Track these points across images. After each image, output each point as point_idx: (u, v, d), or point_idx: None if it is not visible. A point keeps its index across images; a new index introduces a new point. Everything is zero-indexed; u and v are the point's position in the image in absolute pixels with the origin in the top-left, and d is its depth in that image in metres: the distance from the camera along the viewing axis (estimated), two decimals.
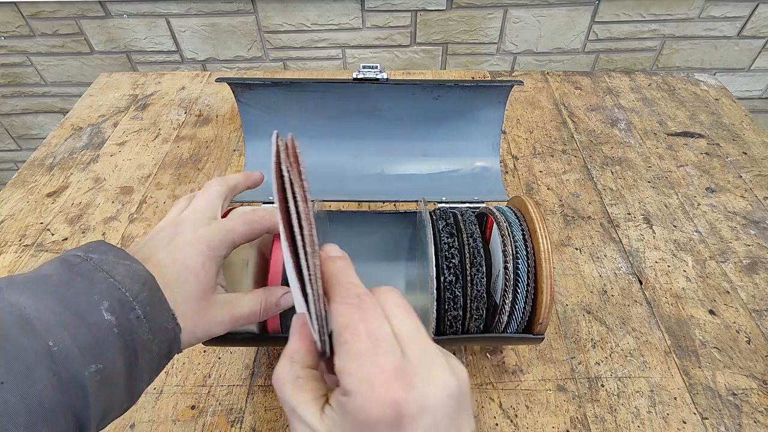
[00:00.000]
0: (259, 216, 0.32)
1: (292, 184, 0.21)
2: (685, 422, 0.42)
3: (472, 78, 0.86)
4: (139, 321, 0.24)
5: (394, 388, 0.18)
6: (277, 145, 0.23)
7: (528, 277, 0.36)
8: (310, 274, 0.20)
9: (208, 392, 0.44)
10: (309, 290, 0.20)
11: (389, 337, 0.20)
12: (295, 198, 0.21)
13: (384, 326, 0.20)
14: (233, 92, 0.55)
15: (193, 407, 0.43)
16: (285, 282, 0.34)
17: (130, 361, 0.24)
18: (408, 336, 0.21)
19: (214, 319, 0.29)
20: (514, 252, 0.37)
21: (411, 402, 0.18)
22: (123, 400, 0.25)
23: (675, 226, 0.60)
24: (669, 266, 0.55)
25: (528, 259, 0.36)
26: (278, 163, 0.22)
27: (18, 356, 0.20)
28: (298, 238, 0.20)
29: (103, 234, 0.59)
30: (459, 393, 0.20)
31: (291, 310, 0.35)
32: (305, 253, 0.20)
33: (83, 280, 0.24)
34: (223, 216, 0.33)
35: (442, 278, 0.36)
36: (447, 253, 0.37)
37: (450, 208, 0.47)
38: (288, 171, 0.22)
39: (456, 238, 0.38)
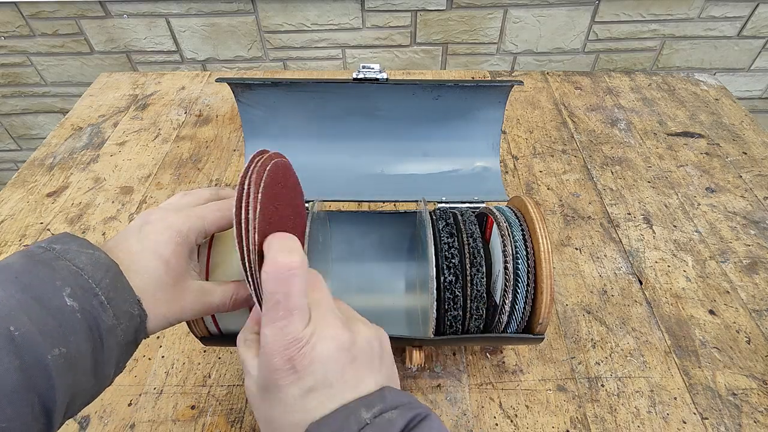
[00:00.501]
0: (231, 204, 0.31)
1: (248, 194, 0.27)
2: (685, 422, 0.42)
3: (472, 78, 0.86)
4: (103, 306, 0.25)
5: (291, 349, 0.24)
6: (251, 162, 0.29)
7: (528, 277, 0.36)
8: (246, 249, 0.26)
9: (208, 392, 0.44)
10: (246, 263, 0.26)
11: (299, 307, 0.25)
12: (247, 206, 0.26)
13: (298, 296, 0.24)
14: (233, 92, 0.54)
15: (193, 407, 0.43)
16: None
17: (95, 346, 0.25)
18: (316, 304, 0.26)
19: (186, 305, 0.30)
20: (514, 252, 0.37)
21: (303, 356, 0.24)
22: (91, 384, 0.25)
23: (675, 226, 0.60)
24: (669, 266, 0.55)
25: (528, 259, 0.36)
26: (243, 176, 0.28)
27: None
28: (243, 226, 0.26)
29: (103, 234, 0.59)
30: (351, 346, 0.25)
31: None
32: (244, 236, 0.26)
33: (45, 268, 0.24)
34: None
35: (442, 278, 0.36)
36: (447, 253, 0.37)
37: (450, 208, 0.47)
38: (248, 185, 0.27)
39: (456, 238, 0.38)
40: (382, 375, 0.26)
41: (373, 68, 0.50)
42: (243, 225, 0.26)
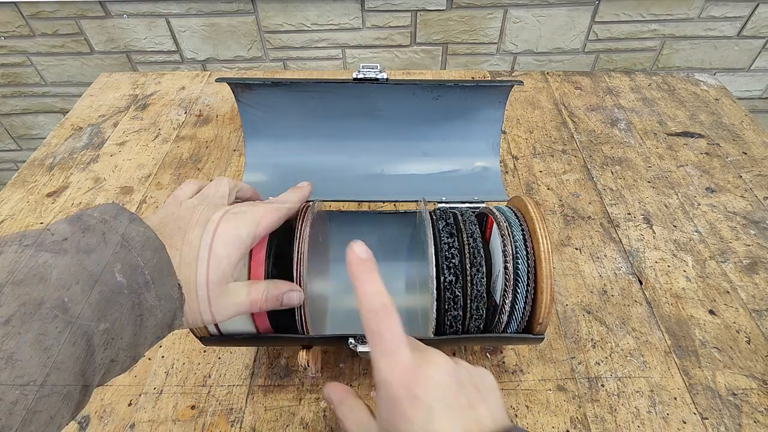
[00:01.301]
0: (287, 209, 0.35)
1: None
2: (685, 422, 0.42)
3: (472, 78, 0.86)
4: (147, 285, 0.26)
5: (407, 376, 0.25)
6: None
7: (528, 277, 0.36)
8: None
9: (208, 392, 0.44)
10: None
11: (404, 338, 0.26)
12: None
13: (400, 329, 0.26)
14: (233, 92, 0.54)
15: (193, 407, 0.43)
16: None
17: (136, 323, 0.25)
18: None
19: (221, 305, 0.30)
20: (514, 252, 0.37)
21: (418, 382, 0.24)
22: (125, 359, 0.26)
23: (675, 226, 0.60)
24: (669, 266, 0.55)
25: (528, 259, 0.36)
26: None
27: (35, 307, 0.21)
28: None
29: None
30: (455, 371, 0.26)
31: (286, 311, 0.35)
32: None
33: (99, 241, 0.25)
34: None
35: (442, 278, 0.36)
36: (447, 253, 0.37)
37: (450, 208, 0.47)
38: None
39: (456, 238, 0.38)
40: (492, 406, 0.26)
41: (373, 68, 0.50)
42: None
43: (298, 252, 0.35)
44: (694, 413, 0.43)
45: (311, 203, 0.41)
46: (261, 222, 0.32)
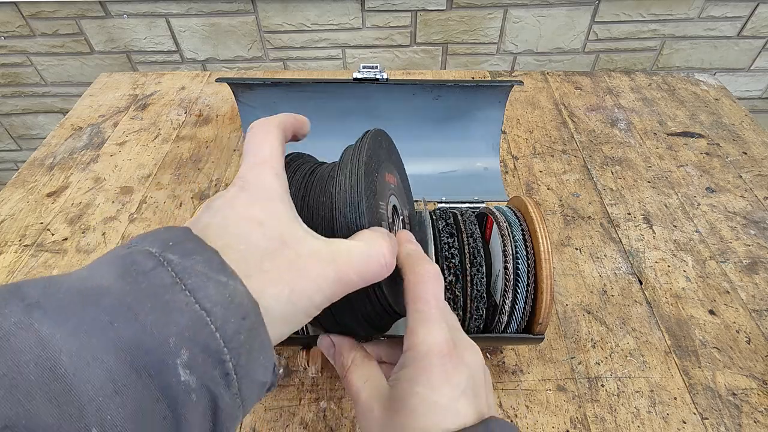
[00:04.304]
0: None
1: None
2: (685, 422, 0.42)
3: (472, 78, 0.86)
4: (227, 379, 0.17)
5: (444, 349, 0.24)
6: None
7: (528, 277, 0.36)
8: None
9: None
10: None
11: (446, 310, 0.25)
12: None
13: (443, 300, 0.25)
14: (233, 92, 0.55)
15: None
16: None
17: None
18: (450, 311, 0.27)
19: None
20: (514, 252, 0.37)
21: (453, 360, 0.24)
22: None
23: (675, 226, 0.60)
24: (669, 266, 0.55)
25: (528, 259, 0.36)
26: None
27: None
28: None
29: (103, 234, 0.59)
30: (483, 363, 0.26)
31: None
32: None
33: (155, 308, 0.15)
34: None
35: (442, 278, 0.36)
36: (447, 253, 0.37)
37: (450, 208, 0.47)
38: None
39: (456, 238, 0.38)
40: (491, 396, 0.26)
41: (373, 68, 0.50)
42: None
43: None
44: (694, 413, 0.43)
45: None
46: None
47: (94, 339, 0.14)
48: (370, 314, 0.27)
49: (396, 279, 0.26)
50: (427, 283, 0.25)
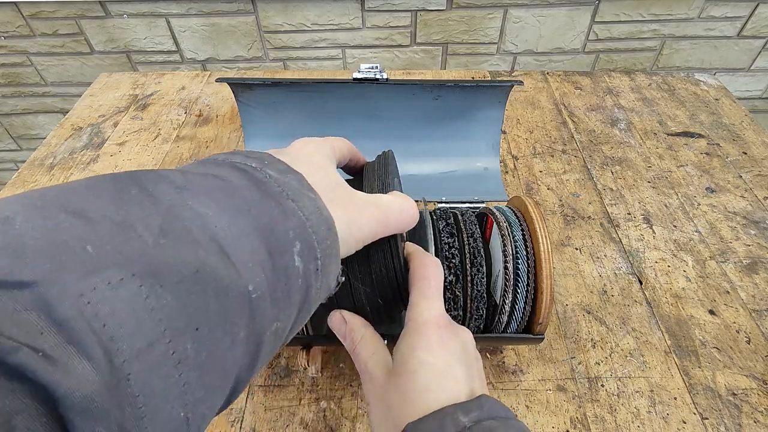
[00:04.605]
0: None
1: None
2: (685, 422, 0.42)
3: (472, 78, 0.86)
4: (317, 274, 0.20)
5: (441, 322, 0.27)
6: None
7: (528, 277, 0.36)
8: None
9: None
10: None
11: (440, 294, 0.29)
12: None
13: (442, 284, 0.29)
14: (233, 92, 0.55)
15: None
16: None
17: (297, 320, 0.21)
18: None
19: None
20: (514, 252, 0.37)
21: (449, 332, 0.27)
22: (266, 363, 0.21)
23: (675, 226, 0.60)
24: (669, 266, 0.55)
25: (528, 259, 0.36)
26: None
27: (219, 295, 0.16)
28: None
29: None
30: (476, 349, 0.29)
31: None
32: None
33: (278, 208, 0.19)
34: None
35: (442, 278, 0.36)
36: (447, 253, 0.37)
37: (450, 208, 0.47)
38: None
39: (456, 238, 0.38)
40: (483, 380, 0.28)
41: (372, 68, 0.50)
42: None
43: None
44: (694, 413, 0.43)
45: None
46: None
47: (240, 219, 0.18)
48: (383, 280, 0.29)
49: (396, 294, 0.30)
50: (428, 267, 0.29)
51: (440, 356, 0.26)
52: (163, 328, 0.14)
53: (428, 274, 0.28)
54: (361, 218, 0.24)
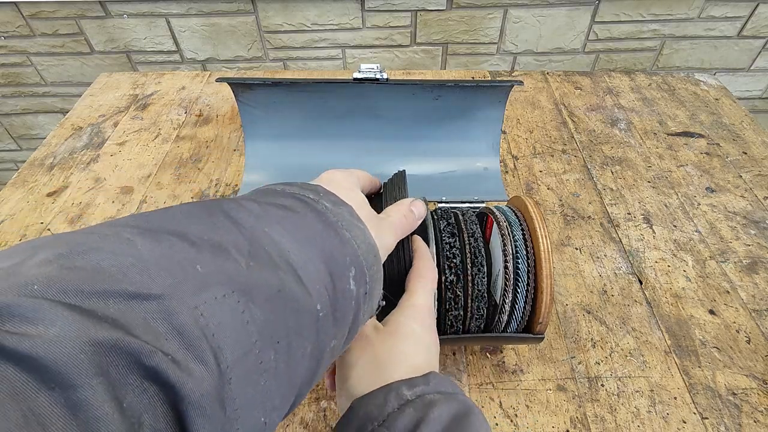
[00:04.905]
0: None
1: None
2: (685, 422, 0.42)
3: (472, 78, 0.86)
4: (365, 298, 0.23)
5: (432, 308, 0.32)
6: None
7: (528, 277, 0.36)
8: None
9: None
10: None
11: (435, 288, 0.33)
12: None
13: (436, 283, 0.33)
14: (233, 92, 0.55)
15: None
16: None
17: (346, 340, 0.23)
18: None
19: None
20: (514, 252, 0.37)
21: (433, 316, 0.31)
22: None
23: (675, 226, 0.60)
24: (669, 266, 0.55)
25: (528, 258, 0.36)
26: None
27: (296, 313, 0.19)
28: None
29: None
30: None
31: None
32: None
33: (336, 237, 0.22)
34: None
35: (443, 278, 0.36)
36: (448, 252, 0.37)
37: (451, 207, 0.47)
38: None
39: (457, 238, 0.38)
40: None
41: (373, 68, 0.50)
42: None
43: None
44: (694, 413, 0.43)
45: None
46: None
47: (307, 247, 0.20)
48: (392, 270, 0.33)
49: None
50: (428, 269, 0.33)
51: (427, 333, 0.30)
52: (255, 339, 0.17)
53: (428, 272, 0.33)
54: (384, 234, 0.27)
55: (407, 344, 0.28)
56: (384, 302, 0.29)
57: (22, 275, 0.14)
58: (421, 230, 0.39)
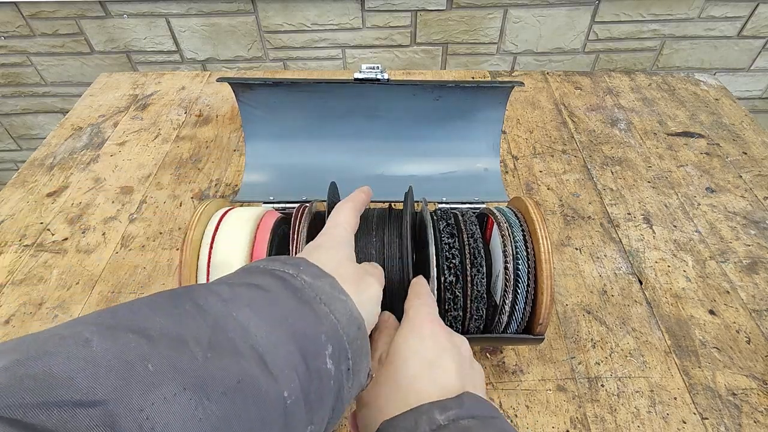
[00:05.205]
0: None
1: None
2: (685, 422, 0.42)
3: (473, 78, 0.86)
4: (348, 374, 0.22)
5: (436, 321, 0.29)
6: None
7: (528, 278, 0.36)
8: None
9: None
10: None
11: (434, 303, 0.32)
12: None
13: (433, 299, 0.32)
14: (234, 92, 0.54)
15: None
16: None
17: (331, 420, 0.22)
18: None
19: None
20: (515, 252, 0.37)
21: (448, 330, 0.29)
22: None
23: (675, 226, 0.60)
24: (669, 266, 0.55)
25: (528, 259, 0.36)
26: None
27: (258, 403, 0.18)
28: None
29: (103, 234, 0.59)
30: (470, 353, 0.29)
31: None
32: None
33: (311, 314, 0.21)
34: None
35: (442, 278, 0.36)
36: (448, 253, 0.37)
37: (451, 208, 0.47)
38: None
39: (457, 239, 0.38)
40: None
41: (374, 68, 0.50)
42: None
43: (294, 253, 0.35)
44: (694, 413, 0.43)
45: (310, 203, 0.41)
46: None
47: (277, 328, 0.20)
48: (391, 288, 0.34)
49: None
50: (424, 287, 0.33)
51: (430, 347, 0.27)
52: None
53: (424, 290, 0.32)
54: (373, 297, 0.27)
55: (409, 368, 0.26)
56: (374, 374, 0.27)
57: None
58: (421, 230, 0.39)
